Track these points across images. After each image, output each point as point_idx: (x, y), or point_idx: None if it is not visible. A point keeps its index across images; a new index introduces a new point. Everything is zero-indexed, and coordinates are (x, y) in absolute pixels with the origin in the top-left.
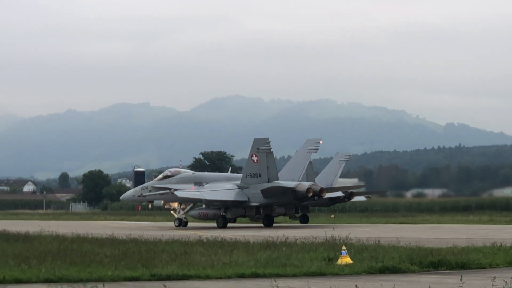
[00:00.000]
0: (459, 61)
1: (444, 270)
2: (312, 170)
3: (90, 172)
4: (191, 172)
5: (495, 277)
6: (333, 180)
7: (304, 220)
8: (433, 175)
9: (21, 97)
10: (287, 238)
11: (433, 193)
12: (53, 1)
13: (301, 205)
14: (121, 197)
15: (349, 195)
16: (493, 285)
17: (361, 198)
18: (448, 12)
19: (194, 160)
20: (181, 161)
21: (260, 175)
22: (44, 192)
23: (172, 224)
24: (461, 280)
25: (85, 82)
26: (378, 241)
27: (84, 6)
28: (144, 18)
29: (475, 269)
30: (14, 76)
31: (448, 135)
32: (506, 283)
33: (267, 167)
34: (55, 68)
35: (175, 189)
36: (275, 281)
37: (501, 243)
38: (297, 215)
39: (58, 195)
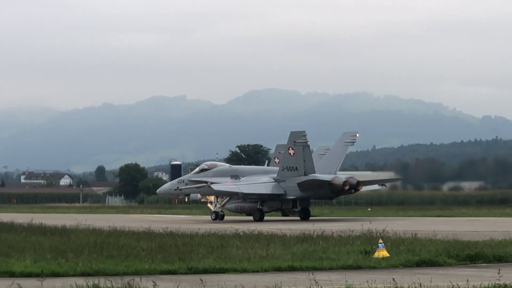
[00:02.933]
0: (496, 53)
1: (481, 263)
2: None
3: (127, 165)
4: (227, 165)
5: None
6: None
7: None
8: (470, 168)
9: (58, 91)
10: (324, 231)
11: (470, 186)
12: None
13: (338, 198)
14: (157, 191)
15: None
16: None
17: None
18: (485, 4)
19: (230, 153)
20: (217, 154)
21: (296, 168)
22: (81, 185)
23: (208, 217)
24: (498, 274)
25: (122, 75)
26: (415, 234)
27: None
28: (181, 11)
29: None
30: (51, 69)
31: (484, 127)
32: None
33: (304, 160)
34: (91, 61)
35: (212, 183)
36: (312, 274)
37: None
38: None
39: (95, 188)
